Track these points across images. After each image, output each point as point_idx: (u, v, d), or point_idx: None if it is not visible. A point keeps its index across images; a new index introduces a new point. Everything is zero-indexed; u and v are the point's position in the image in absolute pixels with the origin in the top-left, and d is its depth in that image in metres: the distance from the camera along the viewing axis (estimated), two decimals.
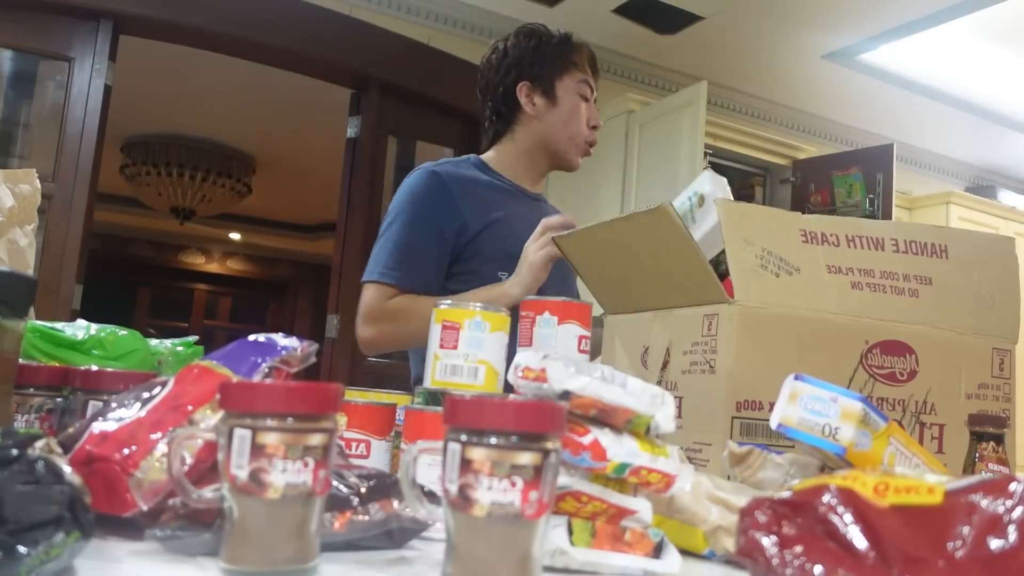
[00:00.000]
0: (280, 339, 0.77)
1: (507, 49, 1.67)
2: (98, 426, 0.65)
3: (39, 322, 0.97)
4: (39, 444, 0.52)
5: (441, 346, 0.86)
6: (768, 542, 0.54)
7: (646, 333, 1.13)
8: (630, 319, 1.18)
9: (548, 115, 1.63)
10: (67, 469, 0.53)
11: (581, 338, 0.96)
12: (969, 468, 0.89)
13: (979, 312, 1.13)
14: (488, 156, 1.68)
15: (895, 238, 1.11)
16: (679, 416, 1.04)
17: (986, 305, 1.14)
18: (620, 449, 0.63)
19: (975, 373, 1.09)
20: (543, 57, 1.64)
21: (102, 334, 0.98)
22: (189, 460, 0.61)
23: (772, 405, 0.91)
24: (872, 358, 1.04)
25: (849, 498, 0.54)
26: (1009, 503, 0.50)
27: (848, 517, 0.53)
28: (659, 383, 1.08)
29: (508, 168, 1.66)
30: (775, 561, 0.53)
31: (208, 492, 0.58)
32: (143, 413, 0.66)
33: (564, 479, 0.62)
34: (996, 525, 0.49)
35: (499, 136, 1.68)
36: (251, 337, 0.78)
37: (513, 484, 0.51)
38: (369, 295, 1.52)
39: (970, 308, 1.13)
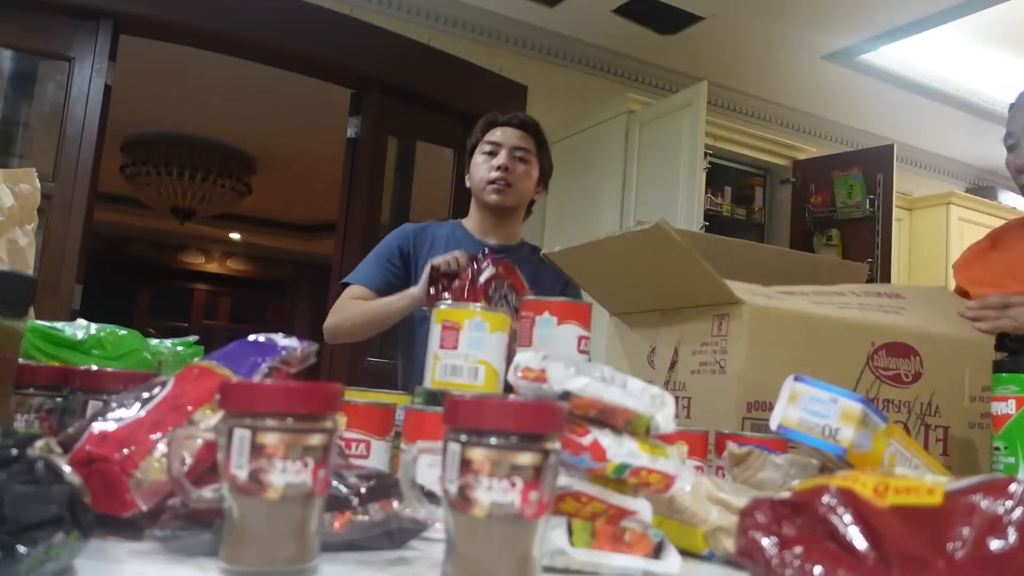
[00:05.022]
0: (280, 339, 0.77)
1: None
2: (98, 426, 0.65)
3: (39, 322, 0.97)
4: (39, 444, 0.52)
5: (441, 346, 0.86)
6: (768, 543, 0.54)
7: (653, 333, 1.13)
8: (636, 318, 1.18)
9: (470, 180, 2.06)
10: (67, 469, 0.53)
11: (581, 338, 0.96)
12: None
13: (964, 325, 1.16)
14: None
15: (852, 290, 1.16)
16: (688, 416, 1.03)
17: (966, 323, 1.18)
18: (620, 450, 0.63)
19: (978, 375, 1.09)
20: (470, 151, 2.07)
21: (102, 334, 0.98)
22: (189, 460, 0.61)
23: None
24: (878, 360, 1.05)
25: (849, 499, 0.54)
26: (1009, 504, 0.50)
27: (848, 518, 0.53)
28: (667, 383, 1.08)
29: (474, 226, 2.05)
30: (775, 562, 0.53)
31: (208, 492, 0.57)
32: (143, 413, 0.66)
33: (564, 479, 0.62)
34: (996, 526, 0.49)
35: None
36: (251, 337, 0.78)
37: (513, 484, 0.51)
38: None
39: (955, 322, 1.16)
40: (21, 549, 0.46)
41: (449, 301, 0.90)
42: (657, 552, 0.62)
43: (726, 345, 0.99)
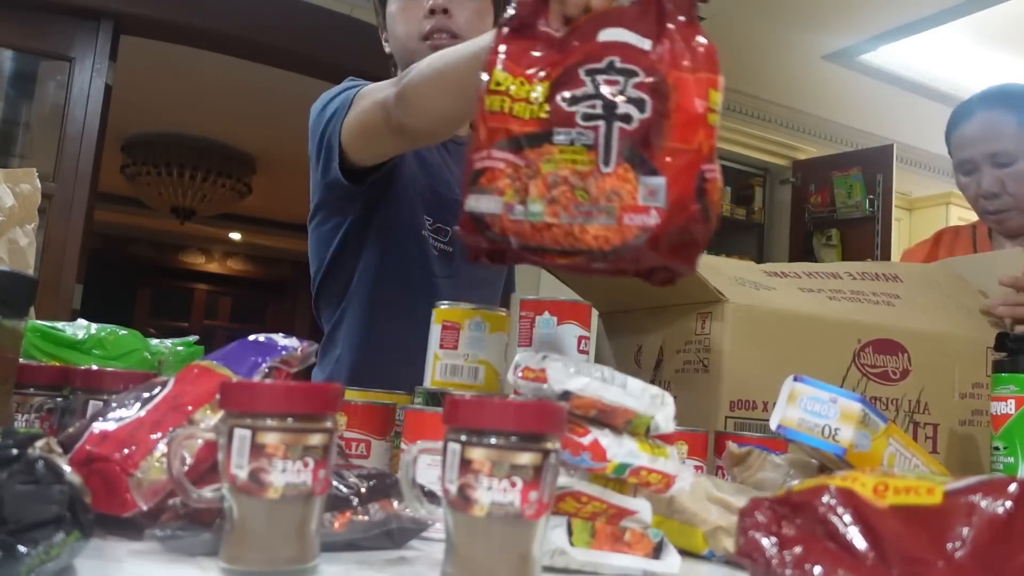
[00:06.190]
0: (280, 339, 0.77)
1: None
2: (98, 426, 0.65)
3: (39, 322, 0.97)
4: (39, 444, 0.52)
5: (441, 346, 0.86)
6: (768, 543, 0.54)
7: (639, 331, 1.13)
8: (623, 317, 1.18)
9: (390, 42, 1.44)
10: (67, 469, 0.53)
11: (581, 338, 0.96)
12: None
13: (958, 317, 1.15)
14: None
15: (848, 271, 1.15)
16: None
17: (964, 312, 1.17)
18: (620, 450, 0.63)
19: (969, 372, 1.09)
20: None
21: (102, 334, 0.98)
22: (189, 460, 0.61)
23: (766, 404, 0.91)
24: (865, 357, 1.04)
25: (849, 498, 0.54)
26: (1008, 504, 0.50)
27: (848, 517, 0.53)
28: (652, 382, 1.08)
29: None
30: (775, 561, 0.53)
31: (208, 492, 0.58)
32: (143, 413, 0.66)
33: (564, 479, 0.62)
34: (996, 526, 0.49)
35: None
36: (251, 337, 0.78)
37: (513, 484, 0.52)
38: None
39: (947, 314, 1.15)
40: (21, 549, 0.46)
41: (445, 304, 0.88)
42: (657, 552, 0.63)
43: (709, 344, 0.99)
